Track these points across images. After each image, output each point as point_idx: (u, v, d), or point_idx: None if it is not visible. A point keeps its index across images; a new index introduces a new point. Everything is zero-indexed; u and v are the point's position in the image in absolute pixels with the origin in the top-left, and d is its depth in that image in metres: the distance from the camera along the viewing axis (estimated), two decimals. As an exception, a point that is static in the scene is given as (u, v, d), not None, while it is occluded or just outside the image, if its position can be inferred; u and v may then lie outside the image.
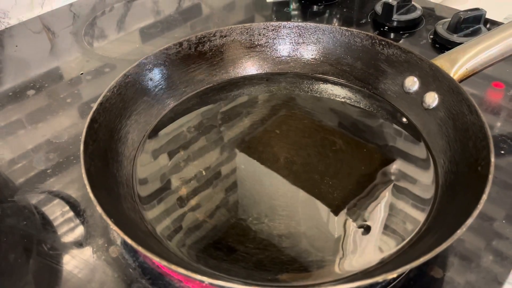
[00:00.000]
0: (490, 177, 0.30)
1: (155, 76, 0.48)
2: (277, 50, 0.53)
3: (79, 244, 0.37)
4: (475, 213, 0.28)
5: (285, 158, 0.42)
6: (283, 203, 0.37)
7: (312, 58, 0.53)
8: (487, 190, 0.29)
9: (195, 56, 0.51)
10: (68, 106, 0.52)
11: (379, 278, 0.23)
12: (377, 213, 0.36)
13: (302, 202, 0.37)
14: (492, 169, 0.30)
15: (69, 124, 0.50)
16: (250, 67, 0.53)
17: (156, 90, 0.48)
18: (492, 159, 0.30)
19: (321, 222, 0.35)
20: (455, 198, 0.34)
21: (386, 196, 0.37)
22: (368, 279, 0.24)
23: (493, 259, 0.32)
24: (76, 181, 0.42)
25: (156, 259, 0.26)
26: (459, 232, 0.26)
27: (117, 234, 0.36)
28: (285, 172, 0.40)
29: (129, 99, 0.44)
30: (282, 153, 0.42)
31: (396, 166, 0.40)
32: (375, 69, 0.49)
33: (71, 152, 0.46)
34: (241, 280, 0.30)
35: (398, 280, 0.32)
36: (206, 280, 0.25)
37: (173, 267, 0.25)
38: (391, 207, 0.36)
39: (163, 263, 0.26)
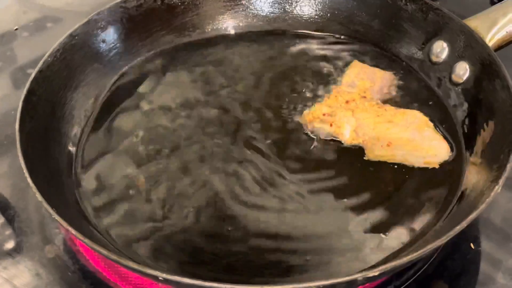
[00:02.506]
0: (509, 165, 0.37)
1: (109, 36, 0.53)
2: (269, 3, 0.59)
3: (7, 242, 0.43)
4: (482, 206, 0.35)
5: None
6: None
7: (316, 15, 0.59)
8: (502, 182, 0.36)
9: (162, 11, 0.56)
10: (-2, 72, 0.58)
11: (358, 276, 0.31)
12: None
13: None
14: None
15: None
16: (234, 25, 0.59)
17: (111, 54, 0.53)
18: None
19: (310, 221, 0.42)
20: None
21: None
22: (347, 277, 0.32)
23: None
24: (7, 167, 0.48)
25: (105, 254, 0.32)
26: (459, 228, 0.34)
27: (54, 232, 0.43)
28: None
29: (76, 66, 0.50)
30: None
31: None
32: (396, 31, 0.55)
33: (2, 132, 0.51)
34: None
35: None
36: (160, 275, 0.31)
37: (124, 261, 0.31)
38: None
39: (113, 257, 0.32)
